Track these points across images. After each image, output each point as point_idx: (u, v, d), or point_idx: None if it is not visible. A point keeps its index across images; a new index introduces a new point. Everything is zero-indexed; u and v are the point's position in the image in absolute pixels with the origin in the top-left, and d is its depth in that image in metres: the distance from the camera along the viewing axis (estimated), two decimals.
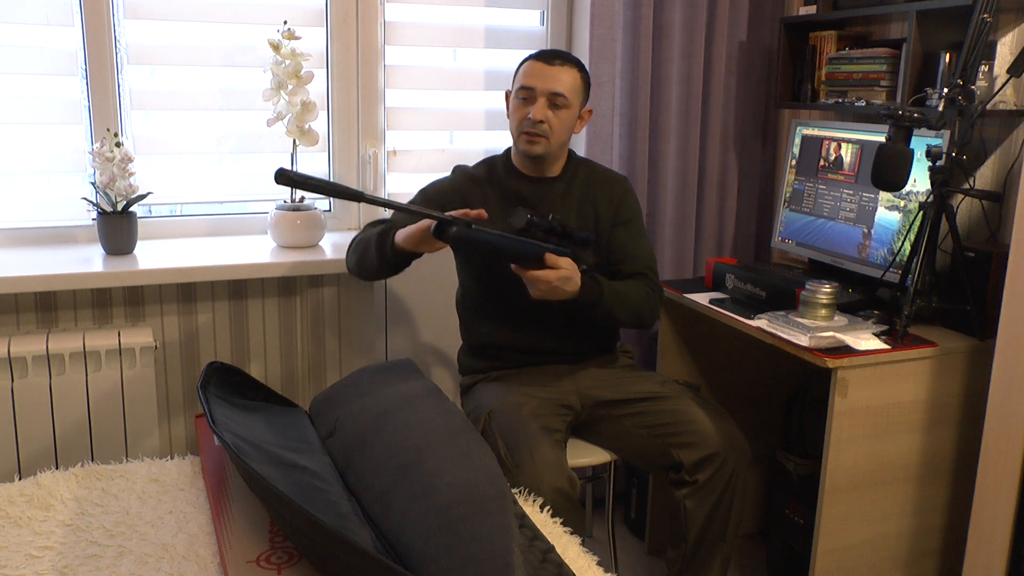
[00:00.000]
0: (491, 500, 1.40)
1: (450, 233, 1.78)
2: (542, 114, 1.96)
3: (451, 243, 1.82)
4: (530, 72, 1.99)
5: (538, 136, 1.98)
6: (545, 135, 1.98)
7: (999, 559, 1.77)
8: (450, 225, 1.78)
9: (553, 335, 2.08)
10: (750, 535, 2.68)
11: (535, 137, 1.98)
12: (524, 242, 1.81)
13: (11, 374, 1.97)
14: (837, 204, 2.36)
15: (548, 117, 1.97)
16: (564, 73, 1.97)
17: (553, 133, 1.98)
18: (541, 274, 1.81)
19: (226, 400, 1.82)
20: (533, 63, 2.00)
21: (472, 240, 1.80)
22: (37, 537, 1.50)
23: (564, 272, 1.83)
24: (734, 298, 2.30)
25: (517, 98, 2.01)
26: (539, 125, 1.96)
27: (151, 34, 2.25)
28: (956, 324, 2.05)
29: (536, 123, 1.96)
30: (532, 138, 1.98)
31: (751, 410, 2.56)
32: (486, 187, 2.09)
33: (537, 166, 2.07)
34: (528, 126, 1.97)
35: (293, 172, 1.67)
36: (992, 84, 2.04)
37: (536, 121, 1.96)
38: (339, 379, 2.23)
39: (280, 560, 1.42)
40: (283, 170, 1.67)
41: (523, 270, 1.82)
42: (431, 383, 1.84)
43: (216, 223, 2.40)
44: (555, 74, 1.96)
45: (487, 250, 1.83)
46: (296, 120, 2.18)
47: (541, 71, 1.97)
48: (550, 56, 1.99)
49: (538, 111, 1.96)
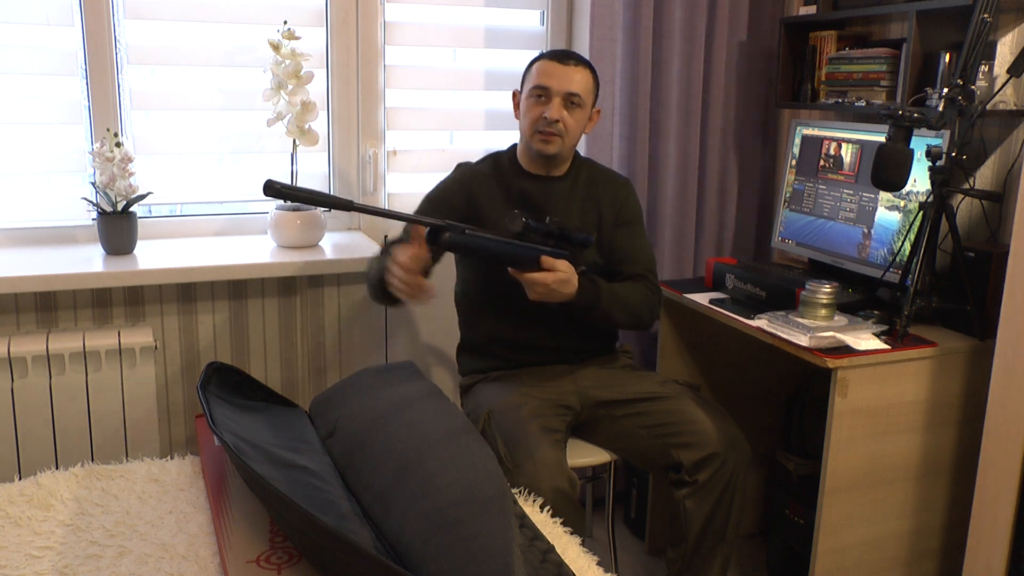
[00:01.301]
0: (491, 500, 1.40)
1: (444, 239, 1.76)
2: (559, 113, 1.96)
3: (446, 248, 1.81)
4: (545, 71, 1.98)
5: (553, 135, 1.98)
6: (560, 134, 1.98)
7: (999, 559, 1.77)
8: (443, 231, 1.76)
9: (553, 333, 2.08)
10: (750, 535, 2.68)
11: (550, 136, 1.98)
12: (519, 245, 1.81)
13: (11, 374, 1.97)
14: (837, 204, 2.36)
15: (564, 117, 1.97)
16: (578, 73, 1.98)
17: (568, 133, 1.99)
18: (538, 276, 1.82)
19: (226, 400, 1.82)
20: (547, 63, 1.99)
21: (466, 245, 1.79)
22: (37, 537, 1.50)
23: (561, 275, 1.83)
24: (734, 298, 2.30)
25: (531, 97, 2.00)
26: (555, 125, 1.96)
27: (151, 34, 2.25)
28: (956, 324, 2.05)
29: (552, 123, 1.96)
30: (547, 137, 1.98)
31: (751, 410, 2.56)
32: (491, 182, 2.09)
33: (546, 166, 2.07)
34: (544, 125, 1.97)
35: (281, 184, 1.65)
36: (992, 84, 2.04)
37: (552, 120, 1.96)
38: (339, 379, 2.23)
39: (280, 560, 1.42)
40: (271, 182, 1.65)
41: (520, 272, 1.83)
42: (432, 384, 1.84)
43: (216, 223, 2.40)
44: (570, 74, 1.97)
45: (482, 255, 1.83)
46: (296, 120, 2.18)
47: (556, 71, 1.97)
48: (564, 56, 1.99)
49: (555, 111, 1.96)
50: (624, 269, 2.08)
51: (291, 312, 2.29)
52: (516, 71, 2.58)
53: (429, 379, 1.90)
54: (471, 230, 1.80)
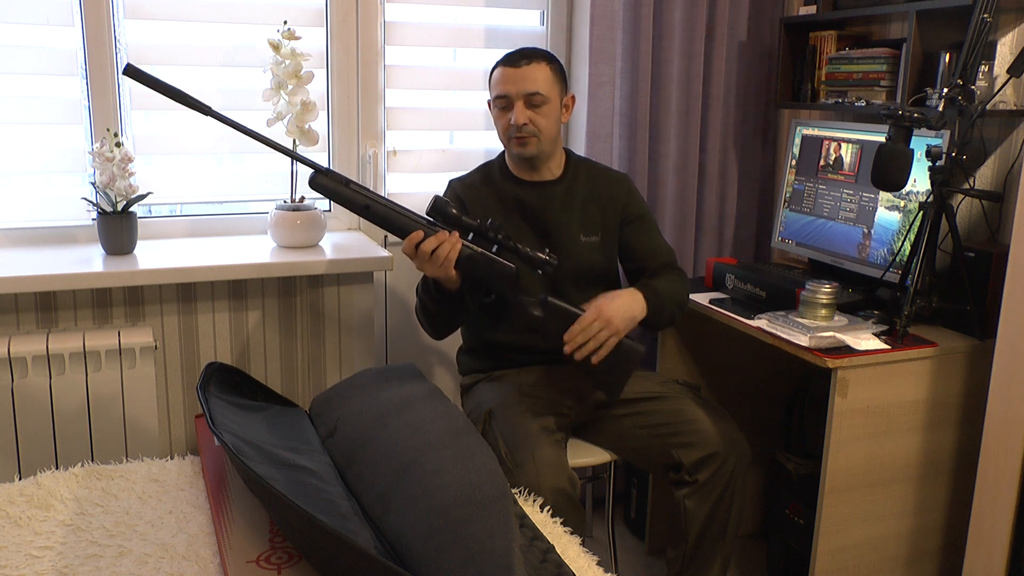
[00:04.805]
0: (491, 500, 1.40)
1: (316, 180, 1.77)
2: (524, 117, 1.96)
3: (315, 189, 1.79)
4: (500, 79, 1.99)
5: (526, 137, 1.98)
6: (533, 135, 1.98)
7: (999, 559, 1.77)
8: (323, 174, 1.76)
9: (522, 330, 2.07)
10: (750, 535, 2.68)
11: (524, 139, 1.99)
12: (405, 216, 1.79)
13: (11, 374, 1.97)
14: (837, 204, 2.36)
15: (531, 118, 1.97)
16: (533, 71, 1.96)
17: (541, 131, 1.98)
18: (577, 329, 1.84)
19: (226, 400, 1.82)
20: (501, 70, 2.00)
21: (350, 200, 1.78)
22: (37, 537, 1.50)
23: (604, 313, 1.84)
24: (734, 298, 2.30)
25: (496, 107, 2.02)
26: (524, 128, 1.97)
27: (151, 34, 2.25)
28: (956, 324, 2.05)
29: (520, 127, 1.97)
30: (521, 141, 1.99)
31: (751, 410, 2.56)
32: (484, 193, 2.08)
33: (534, 169, 2.07)
34: (514, 132, 1.98)
35: (141, 71, 1.65)
36: (992, 84, 2.04)
37: (520, 125, 1.96)
38: (339, 379, 2.23)
39: (280, 560, 1.42)
40: (130, 65, 1.65)
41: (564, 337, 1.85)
42: (432, 385, 1.84)
43: (216, 223, 2.40)
44: (524, 75, 1.96)
45: (357, 211, 1.81)
46: (296, 120, 2.18)
47: (510, 76, 1.97)
48: (515, 58, 1.99)
49: (519, 115, 1.96)
50: (648, 265, 2.07)
51: (291, 312, 2.29)
52: None
53: (430, 380, 1.90)
54: (357, 187, 1.77)
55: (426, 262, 1.79)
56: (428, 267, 1.80)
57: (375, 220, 1.79)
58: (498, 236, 1.82)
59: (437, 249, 1.76)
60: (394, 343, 2.59)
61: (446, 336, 2.07)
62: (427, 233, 1.78)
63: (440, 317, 1.98)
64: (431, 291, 1.92)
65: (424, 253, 1.77)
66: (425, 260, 1.78)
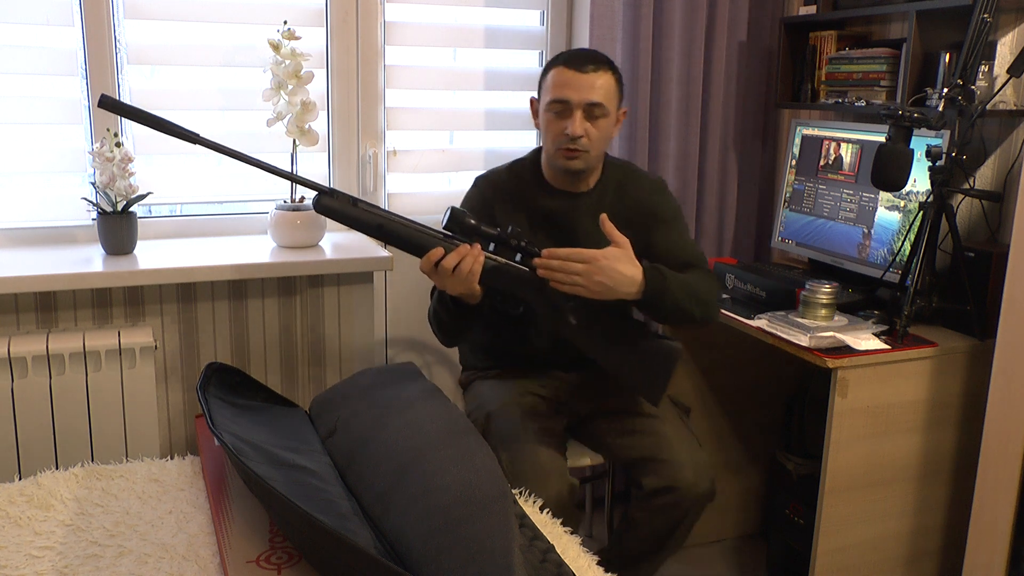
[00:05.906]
0: (492, 500, 1.40)
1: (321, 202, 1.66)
2: (581, 129, 1.81)
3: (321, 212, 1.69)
4: (561, 82, 1.82)
5: (578, 152, 1.84)
6: (586, 149, 1.84)
7: (999, 559, 1.77)
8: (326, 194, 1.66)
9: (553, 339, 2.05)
10: (750, 535, 2.68)
11: (574, 152, 1.84)
12: (420, 230, 1.69)
13: (11, 374, 1.97)
14: (837, 204, 2.36)
15: (587, 130, 1.82)
16: (598, 79, 1.81)
17: (593, 145, 1.85)
18: (561, 265, 1.69)
19: (226, 401, 1.82)
20: (564, 71, 1.83)
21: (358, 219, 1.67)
22: (37, 537, 1.50)
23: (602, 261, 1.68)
24: (734, 298, 2.30)
25: (549, 112, 1.85)
26: (578, 141, 1.82)
27: (151, 34, 2.25)
28: (956, 324, 2.05)
29: (575, 139, 1.82)
30: (571, 154, 1.84)
31: (751, 410, 2.56)
32: (511, 198, 1.97)
33: (573, 181, 1.94)
34: (566, 142, 1.83)
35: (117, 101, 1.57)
36: (992, 84, 2.04)
37: (576, 137, 1.81)
38: (339, 379, 2.23)
39: (280, 560, 1.42)
40: (104, 96, 1.54)
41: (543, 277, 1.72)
42: (432, 385, 1.84)
43: (216, 223, 2.40)
44: (590, 82, 1.80)
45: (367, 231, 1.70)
46: (296, 120, 2.18)
47: (574, 81, 1.81)
48: (581, 62, 1.82)
49: (577, 126, 1.80)
50: (669, 264, 1.88)
51: (291, 312, 2.29)
52: (516, 71, 2.59)
53: (430, 380, 1.90)
54: (366, 206, 1.66)
55: (448, 278, 1.67)
56: (450, 284, 1.69)
57: (390, 239, 1.68)
58: (521, 243, 1.72)
59: (460, 264, 1.65)
60: (394, 343, 2.59)
61: (458, 344, 2.01)
62: (447, 248, 1.66)
63: (455, 328, 1.90)
64: (447, 304, 1.82)
65: (446, 270, 1.65)
66: (447, 277, 1.66)
